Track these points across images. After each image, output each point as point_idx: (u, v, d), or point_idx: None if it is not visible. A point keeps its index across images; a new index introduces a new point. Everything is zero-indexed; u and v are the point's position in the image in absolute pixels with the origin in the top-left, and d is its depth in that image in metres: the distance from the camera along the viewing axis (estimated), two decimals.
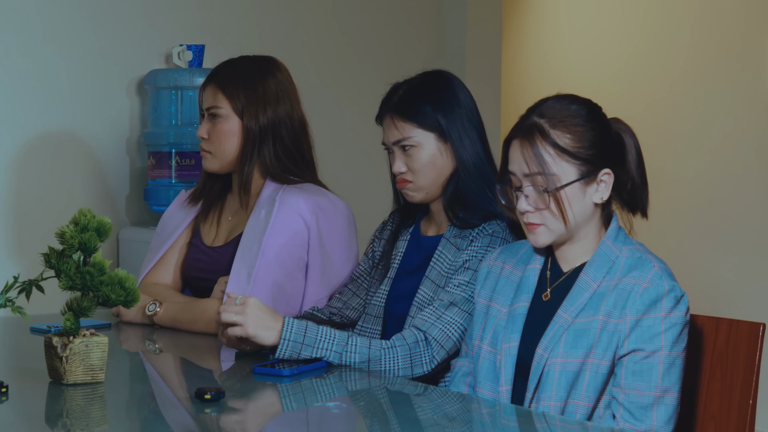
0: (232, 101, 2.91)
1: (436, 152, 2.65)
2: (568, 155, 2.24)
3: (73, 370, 2.19)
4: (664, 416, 2.19)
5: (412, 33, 4.70)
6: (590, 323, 2.23)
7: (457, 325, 2.51)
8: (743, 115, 5.00)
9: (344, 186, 3.29)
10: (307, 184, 2.92)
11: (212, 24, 4.17)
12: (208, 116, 2.95)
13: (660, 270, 2.23)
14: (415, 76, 2.72)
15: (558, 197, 2.25)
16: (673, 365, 2.20)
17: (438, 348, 2.50)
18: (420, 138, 2.64)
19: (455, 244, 2.61)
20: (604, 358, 2.21)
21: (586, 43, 5.83)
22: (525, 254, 2.41)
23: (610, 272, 2.26)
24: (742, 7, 5.03)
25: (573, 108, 2.27)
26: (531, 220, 2.28)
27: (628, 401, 2.19)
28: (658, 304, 2.20)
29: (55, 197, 3.86)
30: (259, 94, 2.91)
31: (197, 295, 2.96)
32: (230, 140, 2.92)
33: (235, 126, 2.92)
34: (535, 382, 2.25)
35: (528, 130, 2.26)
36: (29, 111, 3.82)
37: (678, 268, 5.10)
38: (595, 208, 2.30)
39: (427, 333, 2.51)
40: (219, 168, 2.96)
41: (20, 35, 3.79)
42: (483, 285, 2.44)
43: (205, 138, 2.95)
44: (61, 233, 2.17)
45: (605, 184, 2.28)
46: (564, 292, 2.29)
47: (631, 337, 2.20)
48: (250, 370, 2.38)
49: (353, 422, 2.12)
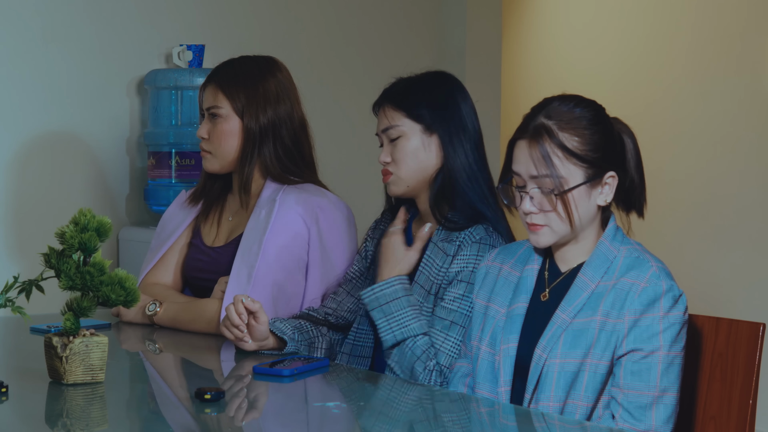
0: (232, 101, 2.91)
1: (419, 145, 2.65)
2: (576, 158, 2.24)
3: (73, 370, 2.19)
4: (663, 416, 2.19)
5: (412, 33, 4.70)
6: (588, 323, 2.23)
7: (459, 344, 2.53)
8: (743, 115, 5.00)
9: (344, 186, 3.28)
10: (308, 185, 2.92)
11: (212, 24, 4.17)
12: (208, 116, 2.95)
13: (658, 269, 2.23)
14: (418, 73, 2.73)
15: (566, 200, 2.25)
16: (671, 365, 2.20)
17: (447, 372, 2.52)
18: (405, 128, 2.65)
19: (443, 248, 2.61)
20: (603, 358, 2.21)
21: (586, 42, 5.83)
22: (523, 254, 2.40)
23: (608, 272, 2.26)
24: (742, 7, 5.03)
25: (579, 110, 2.27)
26: (535, 221, 2.28)
27: (627, 401, 2.19)
28: (656, 304, 2.20)
29: (55, 197, 3.86)
30: (259, 94, 2.91)
31: (197, 295, 2.96)
32: (230, 140, 2.92)
33: (236, 126, 2.92)
34: (533, 383, 2.24)
35: (536, 131, 2.26)
36: (29, 111, 3.82)
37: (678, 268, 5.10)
38: (597, 209, 2.30)
39: (440, 363, 2.52)
40: (219, 168, 2.95)
41: (20, 35, 3.79)
42: (481, 286, 2.44)
43: (206, 138, 2.95)
44: (61, 233, 2.17)
45: (609, 187, 2.28)
46: (562, 292, 2.29)
47: (630, 337, 2.20)
48: (250, 370, 2.38)
49: (353, 422, 2.12)
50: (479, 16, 4.80)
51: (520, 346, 2.30)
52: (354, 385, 2.38)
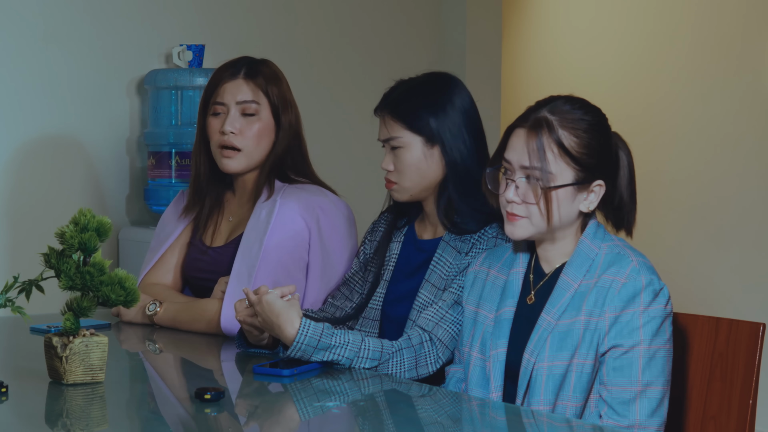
0: (270, 99, 2.88)
1: (421, 156, 2.63)
2: (570, 157, 2.24)
3: (73, 370, 2.19)
4: (647, 410, 2.19)
5: (412, 33, 4.70)
6: (573, 324, 2.23)
7: (461, 324, 2.51)
8: (743, 116, 5.00)
9: (344, 186, 3.28)
10: (309, 185, 2.91)
11: (212, 24, 4.17)
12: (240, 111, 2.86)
13: (638, 264, 2.23)
14: (419, 75, 2.71)
15: (549, 196, 2.25)
16: (653, 358, 2.20)
17: (443, 348, 2.50)
18: (406, 139, 2.63)
19: (456, 247, 2.61)
20: (588, 357, 2.21)
21: (586, 43, 5.83)
22: (509, 258, 2.40)
23: (590, 270, 2.26)
24: (742, 7, 5.02)
25: (583, 113, 2.28)
26: (514, 211, 2.28)
27: (610, 397, 2.20)
28: (636, 299, 2.20)
29: (55, 197, 3.86)
30: (286, 95, 2.91)
31: (198, 296, 2.95)
32: (267, 139, 2.89)
33: (271, 124, 2.89)
34: (524, 387, 2.25)
35: (536, 122, 2.26)
36: (29, 111, 3.82)
37: (677, 268, 5.09)
38: (579, 215, 2.30)
39: (432, 333, 2.50)
40: (245, 167, 2.90)
41: (20, 35, 3.79)
42: (470, 291, 2.44)
43: (235, 133, 2.86)
44: (61, 233, 2.16)
45: (595, 195, 2.28)
46: (547, 294, 2.30)
47: (611, 334, 2.20)
48: (250, 370, 2.38)
49: (353, 422, 2.12)
50: (479, 16, 4.79)
51: (509, 351, 2.30)
52: (354, 385, 2.38)
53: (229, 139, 2.86)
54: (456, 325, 2.50)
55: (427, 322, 2.52)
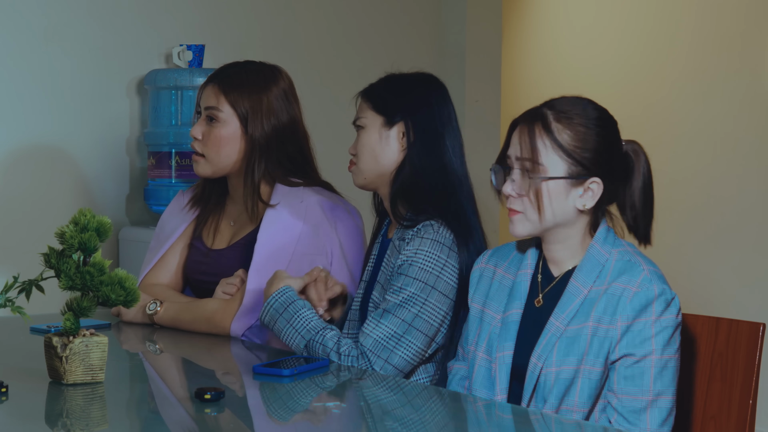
0: (234, 106, 2.87)
1: (377, 137, 2.64)
2: (562, 151, 2.24)
3: (73, 370, 2.19)
4: (658, 419, 2.19)
5: (412, 33, 4.70)
6: (581, 330, 2.23)
7: (391, 334, 2.49)
8: (743, 116, 5.00)
9: (344, 186, 3.28)
10: (320, 188, 2.91)
11: (212, 24, 4.17)
12: (205, 117, 2.89)
13: (650, 273, 2.22)
14: (409, 72, 2.72)
15: (538, 188, 2.24)
16: (665, 368, 2.20)
17: (375, 358, 2.48)
18: (368, 120, 2.66)
19: (397, 247, 2.59)
20: (596, 364, 2.21)
21: (586, 42, 5.83)
22: (516, 257, 2.40)
23: (600, 277, 2.25)
24: (742, 7, 5.02)
25: (584, 109, 2.27)
26: (512, 206, 2.29)
27: (621, 406, 2.19)
28: (648, 309, 2.19)
29: (55, 197, 3.86)
30: (263, 103, 2.88)
31: (199, 297, 2.95)
32: (229, 146, 2.88)
33: (236, 132, 2.88)
34: (530, 391, 2.25)
35: (533, 116, 2.27)
36: (29, 111, 3.83)
37: (677, 268, 5.09)
38: (578, 213, 2.28)
39: (362, 344, 2.50)
40: (211, 173, 2.91)
41: (20, 35, 3.79)
42: (476, 289, 2.43)
43: (199, 139, 2.90)
44: (61, 233, 2.16)
45: (591, 193, 2.26)
46: (556, 298, 2.29)
47: (623, 342, 2.19)
48: (250, 370, 2.38)
49: (353, 422, 2.12)
50: (479, 16, 4.80)
51: (515, 354, 2.29)
52: (354, 385, 2.38)
53: (193, 144, 2.91)
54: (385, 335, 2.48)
55: (361, 333, 2.51)
